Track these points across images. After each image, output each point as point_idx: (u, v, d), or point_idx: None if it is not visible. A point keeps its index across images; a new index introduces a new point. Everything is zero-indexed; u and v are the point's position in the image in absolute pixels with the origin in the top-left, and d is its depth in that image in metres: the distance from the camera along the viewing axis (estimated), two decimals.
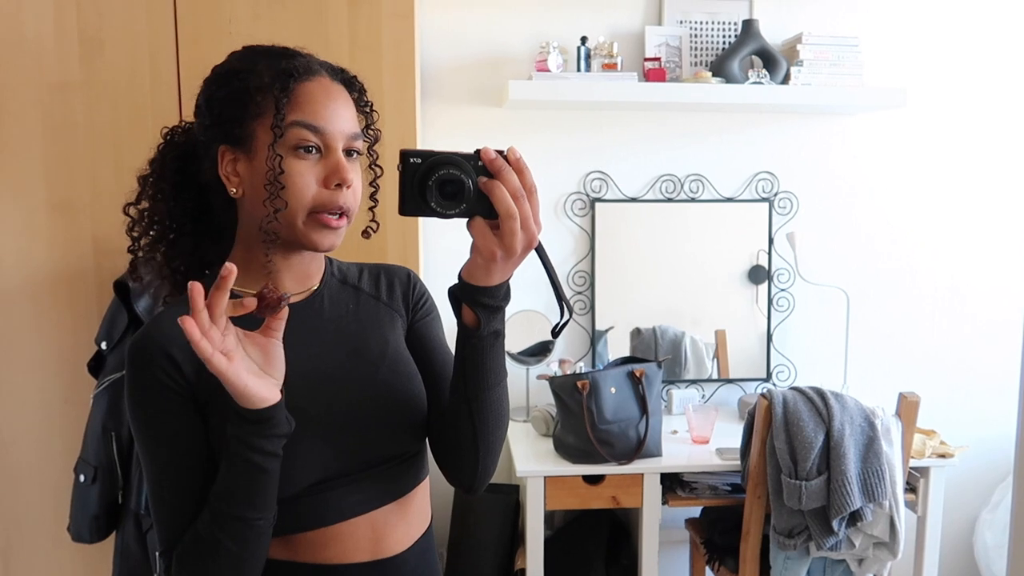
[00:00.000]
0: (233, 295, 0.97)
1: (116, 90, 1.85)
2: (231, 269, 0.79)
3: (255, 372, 0.84)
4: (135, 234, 1.04)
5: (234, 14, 1.87)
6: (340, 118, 0.95)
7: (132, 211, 1.04)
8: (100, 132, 1.86)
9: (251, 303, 0.83)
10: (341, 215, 0.94)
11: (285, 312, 0.86)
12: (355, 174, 0.96)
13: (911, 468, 2.11)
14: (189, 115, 1.89)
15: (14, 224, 1.86)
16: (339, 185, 0.93)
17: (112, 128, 1.86)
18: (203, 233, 1.04)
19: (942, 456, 2.14)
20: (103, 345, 1.78)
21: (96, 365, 1.82)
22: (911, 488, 2.15)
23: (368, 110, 1.02)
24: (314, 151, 0.93)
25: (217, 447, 0.91)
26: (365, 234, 1.04)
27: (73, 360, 1.89)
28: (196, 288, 0.79)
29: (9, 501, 1.93)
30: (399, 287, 1.10)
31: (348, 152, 0.96)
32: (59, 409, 1.92)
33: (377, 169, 1.04)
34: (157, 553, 0.93)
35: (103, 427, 1.76)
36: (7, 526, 1.93)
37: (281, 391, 0.87)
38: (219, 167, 0.96)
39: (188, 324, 0.78)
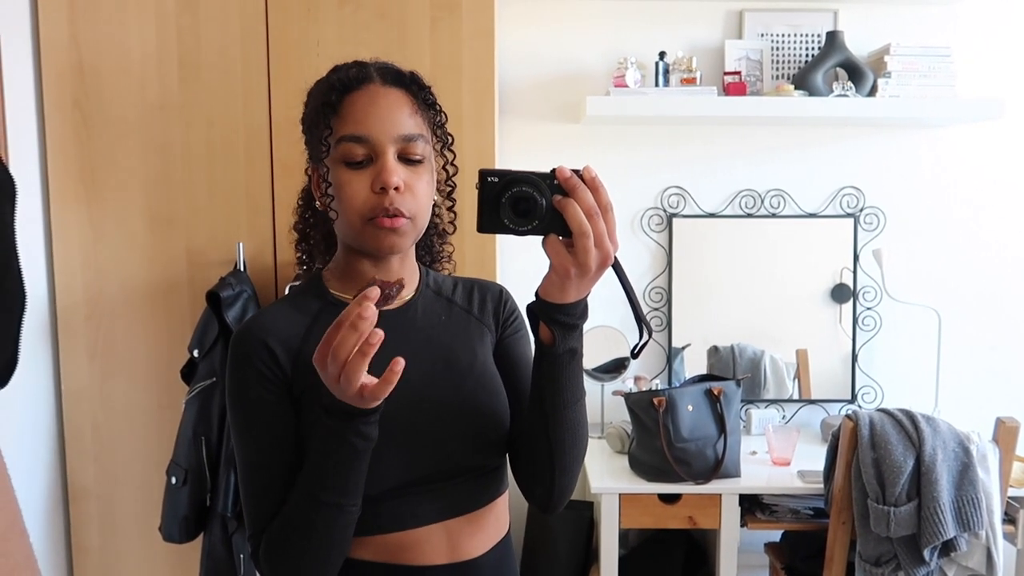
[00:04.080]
0: (338, 302, 1.01)
1: (211, 111, 1.95)
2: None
3: None
4: (297, 255, 1.12)
5: (321, 37, 1.94)
6: (388, 122, 0.96)
7: (297, 229, 1.12)
8: (196, 151, 1.96)
9: (374, 294, 0.82)
10: (395, 215, 0.94)
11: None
12: (416, 177, 0.97)
13: (1010, 498, 1.99)
14: (279, 134, 1.99)
15: (116, 237, 1.97)
16: (384, 189, 0.94)
17: (207, 147, 1.96)
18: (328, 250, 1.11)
19: None
20: (195, 353, 1.86)
21: (189, 372, 1.90)
22: (1010, 519, 2.03)
23: (436, 109, 1.02)
24: (364, 160, 0.95)
25: (308, 437, 0.94)
26: (440, 236, 1.07)
27: (167, 367, 1.98)
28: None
29: (106, 501, 2.03)
30: (491, 303, 1.11)
31: (409, 156, 0.96)
32: (154, 414, 2.02)
33: (451, 168, 1.05)
34: (247, 538, 0.96)
35: (194, 431, 1.84)
36: (103, 524, 2.04)
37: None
38: (312, 183, 1.03)
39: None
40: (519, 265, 2.30)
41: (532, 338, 0.97)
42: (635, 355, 0.96)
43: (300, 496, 0.91)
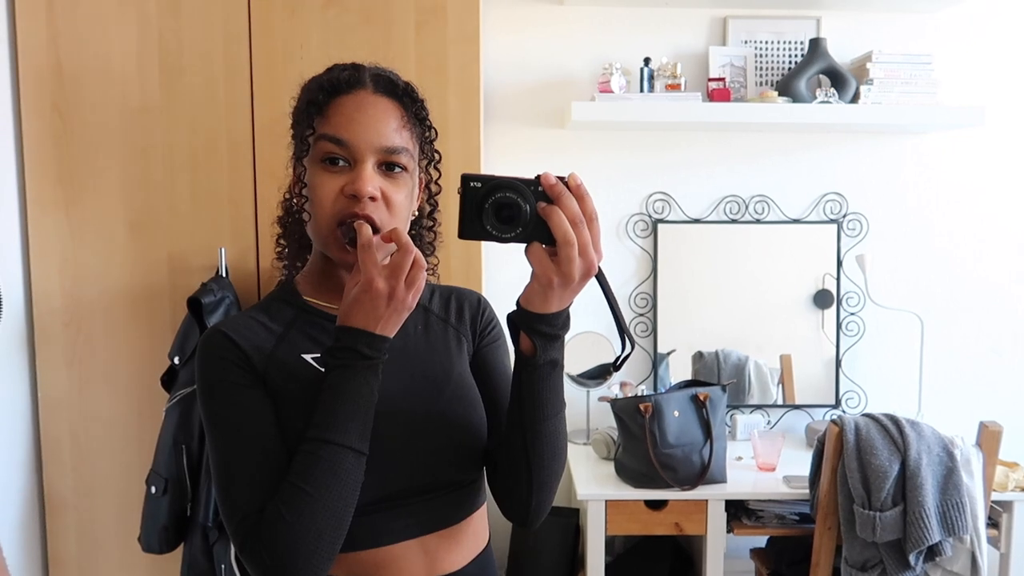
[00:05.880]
0: (312, 309, 1.00)
1: (193, 114, 1.93)
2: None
3: None
4: (277, 251, 1.09)
5: (306, 41, 1.92)
6: (371, 131, 0.94)
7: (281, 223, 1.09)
8: (177, 154, 1.93)
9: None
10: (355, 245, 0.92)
11: None
12: (394, 188, 0.95)
13: (993, 502, 2.00)
14: (262, 138, 1.96)
15: (95, 242, 1.94)
16: (355, 196, 0.92)
17: (188, 150, 1.93)
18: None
19: None
20: (176, 360, 1.83)
21: (169, 379, 1.87)
22: (993, 523, 2.04)
23: (427, 125, 1.00)
24: (341, 163, 0.93)
25: (289, 438, 0.91)
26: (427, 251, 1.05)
27: (147, 374, 1.95)
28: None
29: (83, 511, 1.99)
30: (468, 311, 1.09)
31: (390, 166, 0.95)
32: (133, 422, 1.98)
33: (435, 187, 1.03)
34: (232, 532, 0.90)
35: (174, 440, 1.81)
36: (81, 535, 1.99)
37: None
38: (291, 181, 1.01)
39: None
40: (506, 275, 2.29)
41: (512, 348, 0.95)
42: (616, 367, 0.94)
43: (313, 446, 0.86)
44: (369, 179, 0.92)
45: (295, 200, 0.98)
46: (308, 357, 0.96)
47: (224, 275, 1.91)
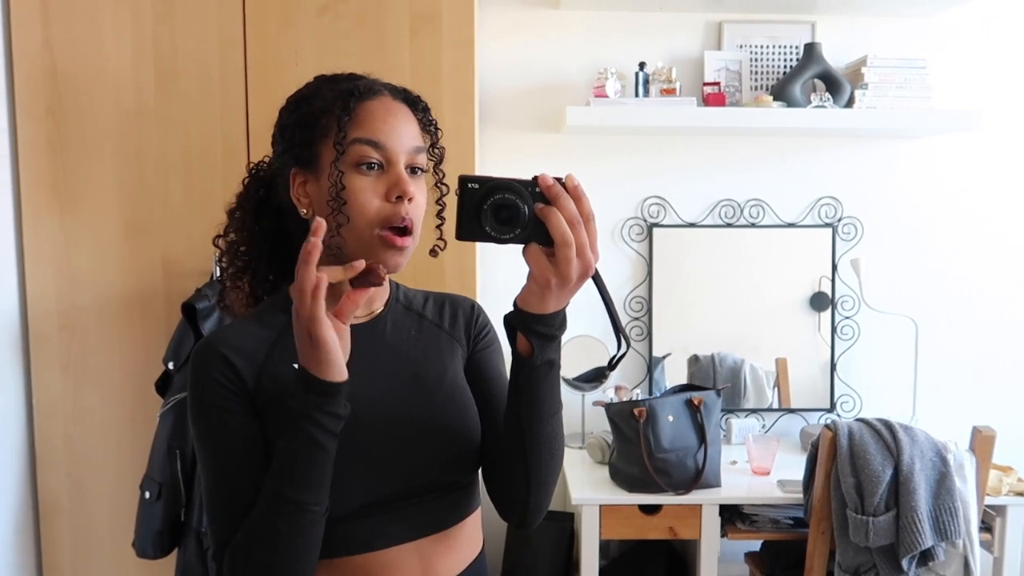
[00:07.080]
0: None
1: (188, 118, 1.93)
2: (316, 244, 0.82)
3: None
4: (223, 264, 1.07)
5: (300, 46, 1.93)
6: (401, 134, 0.96)
7: (221, 243, 1.07)
8: (172, 158, 1.94)
9: (360, 264, 0.86)
10: (405, 234, 0.94)
11: (360, 298, 0.88)
12: (419, 189, 0.96)
13: (987, 506, 2.01)
14: (256, 142, 1.97)
15: (90, 246, 1.94)
16: (400, 198, 0.93)
17: (183, 155, 1.94)
18: (283, 261, 1.06)
19: (1020, 494, 2.03)
20: (170, 365, 1.83)
21: (163, 384, 1.87)
22: (986, 527, 2.05)
23: (433, 128, 1.02)
24: (376, 167, 0.94)
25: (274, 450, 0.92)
26: (433, 252, 1.04)
27: (141, 379, 1.95)
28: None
29: (78, 516, 1.99)
30: (462, 317, 1.10)
31: (412, 169, 0.96)
32: (128, 427, 1.98)
33: (443, 187, 1.04)
34: (210, 554, 0.92)
35: (168, 445, 1.81)
36: (76, 540, 1.99)
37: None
38: (291, 190, 0.99)
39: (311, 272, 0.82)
40: (500, 276, 2.29)
41: (509, 350, 0.95)
42: (612, 367, 0.95)
43: (263, 497, 0.88)
44: (408, 180, 0.94)
45: (329, 204, 0.94)
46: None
47: (219, 280, 1.91)
